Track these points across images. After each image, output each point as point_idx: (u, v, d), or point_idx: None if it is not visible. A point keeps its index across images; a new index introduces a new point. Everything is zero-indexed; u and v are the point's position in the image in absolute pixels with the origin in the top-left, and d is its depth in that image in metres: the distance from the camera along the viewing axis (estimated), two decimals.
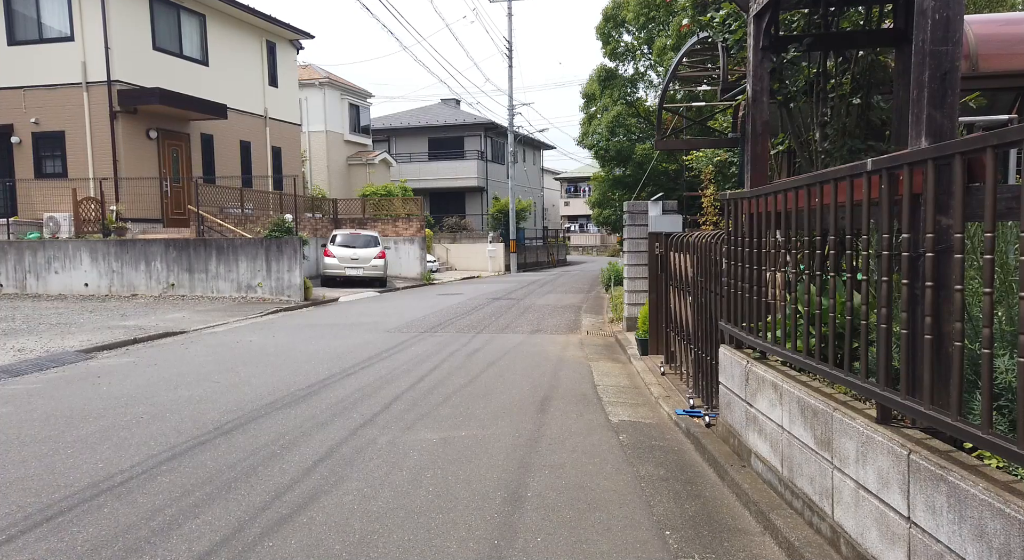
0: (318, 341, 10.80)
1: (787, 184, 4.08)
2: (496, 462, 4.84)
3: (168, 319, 13.41)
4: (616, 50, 27.18)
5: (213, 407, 6.42)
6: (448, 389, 7.24)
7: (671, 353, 7.89)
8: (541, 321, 13.48)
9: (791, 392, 3.74)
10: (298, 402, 6.62)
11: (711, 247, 5.66)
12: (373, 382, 7.60)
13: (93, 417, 6.10)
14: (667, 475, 4.59)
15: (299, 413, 6.19)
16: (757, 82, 4.82)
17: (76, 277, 17.98)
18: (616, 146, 26.08)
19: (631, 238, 11.45)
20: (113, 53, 18.98)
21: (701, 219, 10.36)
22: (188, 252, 17.72)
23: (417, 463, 4.81)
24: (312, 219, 25.29)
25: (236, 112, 23.05)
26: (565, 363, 8.96)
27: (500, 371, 8.30)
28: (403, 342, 10.63)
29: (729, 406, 4.87)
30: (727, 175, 11.00)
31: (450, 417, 6.07)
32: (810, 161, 5.26)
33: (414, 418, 6.03)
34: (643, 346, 9.20)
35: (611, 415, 6.22)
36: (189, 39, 21.62)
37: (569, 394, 7.08)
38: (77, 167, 19.52)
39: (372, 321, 13.50)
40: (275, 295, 17.28)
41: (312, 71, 33.07)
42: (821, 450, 3.36)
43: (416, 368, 8.45)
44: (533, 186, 47.31)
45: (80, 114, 19.28)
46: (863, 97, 5.00)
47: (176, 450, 5.11)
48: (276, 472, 4.62)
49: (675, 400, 6.58)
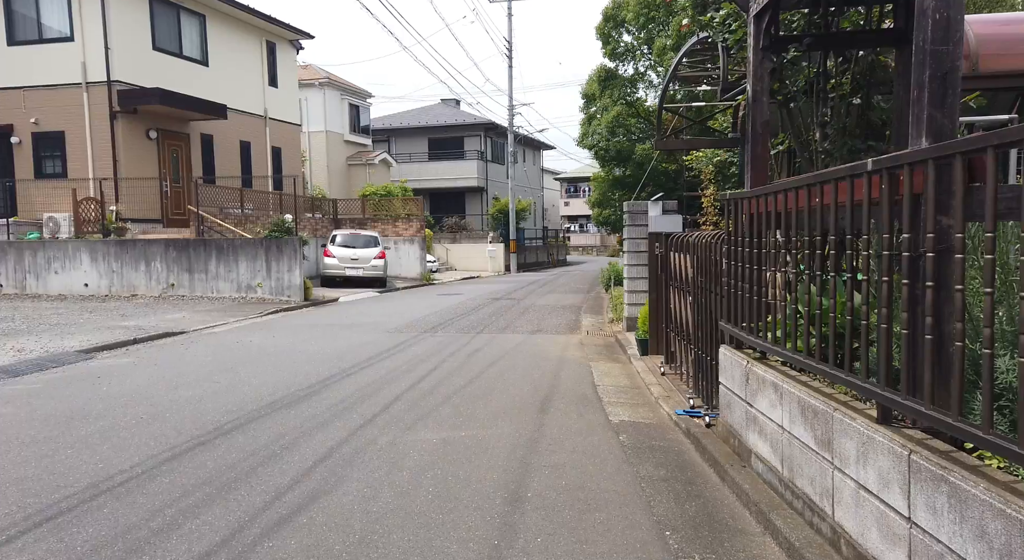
0: (318, 341, 10.80)
1: (788, 184, 4.08)
2: (496, 462, 4.84)
3: (168, 319, 13.40)
4: (616, 50, 27.19)
5: (213, 407, 6.42)
6: (448, 390, 7.24)
7: (671, 353, 7.89)
8: (541, 321, 13.48)
9: (791, 392, 3.73)
10: (298, 402, 6.62)
11: (711, 247, 5.66)
12: (373, 382, 7.60)
13: (93, 417, 6.10)
14: (667, 475, 4.59)
15: (299, 413, 6.19)
16: (757, 82, 4.82)
17: (76, 277, 17.98)
18: (616, 146, 26.10)
19: (631, 238, 11.45)
20: (113, 53, 18.97)
21: (701, 219, 10.37)
22: (188, 252, 17.71)
23: (417, 463, 4.81)
24: (312, 219, 25.28)
25: (236, 112, 23.04)
26: (565, 363, 8.95)
27: (500, 371, 8.30)
28: (403, 342, 10.62)
29: (729, 406, 4.87)
30: (727, 175, 11.00)
31: (450, 418, 6.06)
32: (810, 161, 5.25)
33: (414, 418, 6.03)
34: (643, 346, 9.20)
35: (611, 415, 6.22)
36: (189, 39, 21.61)
37: (569, 394, 7.08)
38: (77, 167, 19.51)
39: (372, 321, 13.50)
40: (275, 295, 17.28)
41: (312, 71, 33.07)
42: (821, 450, 3.36)
43: (416, 368, 8.45)
44: (533, 186, 47.33)
45: (80, 114, 19.27)
46: (863, 97, 5.00)
47: (176, 450, 5.11)
48: (276, 472, 4.62)
49: (675, 400, 6.58)
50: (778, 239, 4.47)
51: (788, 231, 4.28)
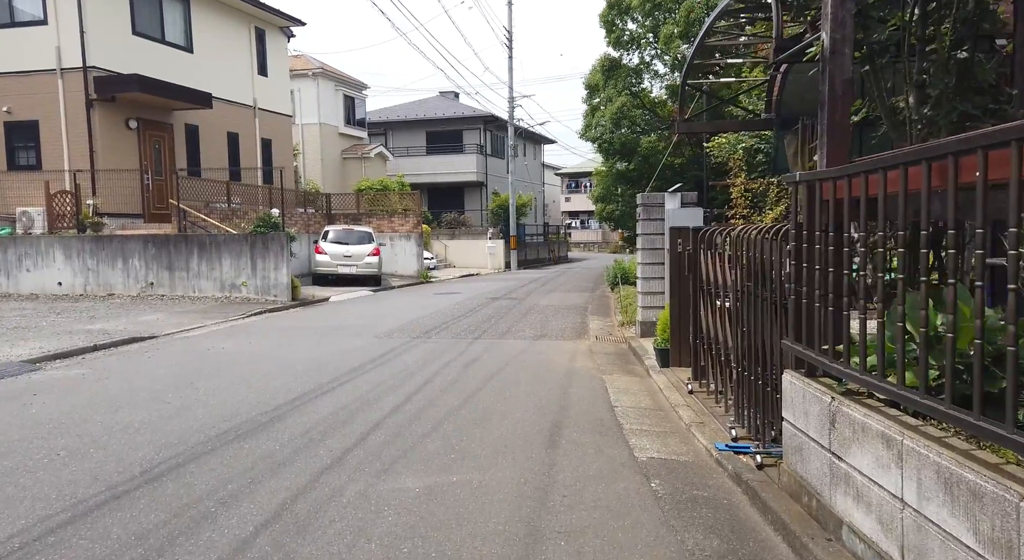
0: (298, 348, 9.68)
1: (890, 159, 2.96)
2: (496, 526, 3.71)
3: (140, 322, 12.29)
4: (620, 39, 26.05)
5: (151, 438, 5.28)
6: (439, 413, 6.11)
7: (700, 368, 6.76)
8: (545, 324, 12.35)
9: (921, 454, 2.61)
10: (256, 432, 5.49)
11: (766, 244, 4.53)
12: (351, 403, 6.47)
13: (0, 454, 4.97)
14: (724, 550, 3.45)
15: (254, 448, 5.05)
16: (837, 29, 3.68)
17: (49, 275, 16.88)
18: (620, 139, 24.97)
19: (645, 234, 10.32)
20: (89, 37, 17.81)
21: (729, 212, 9.22)
22: (168, 249, 16.61)
23: (391, 529, 3.68)
24: (304, 214, 24.14)
25: (223, 102, 21.88)
26: (575, 377, 7.83)
27: (500, 387, 7.18)
28: (392, 350, 9.50)
29: (800, 452, 3.74)
30: (752, 164, 9.86)
31: (439, 454, 4.93)
32: (901, 132, 4.13)
33: (394, 455, 4.89)
34: (663, 357, 8.07)
35: (636, 449, 5.09)
36: (172, 24, 20.43)
37: (583, 419, 5.95)
38: (52, 159, 18.38)
39: (362, 323, 12.38)
40: (261, 295, 16.18)
41: (305, 61, 31.88)
42: (991, 555, 2.23)
43: (404, 384, 7.32)
44: (534, 181, 46.11)
45: (55, 102, 18.13)
46: (970, 51, 3.86)
47: (79, 508, 3.95)
48: (200, 547, 3.48)
49: (712, 428, 5.46)
50: (862, 234, 3.36)
51: (885, 223, 3.17)
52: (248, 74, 23.62)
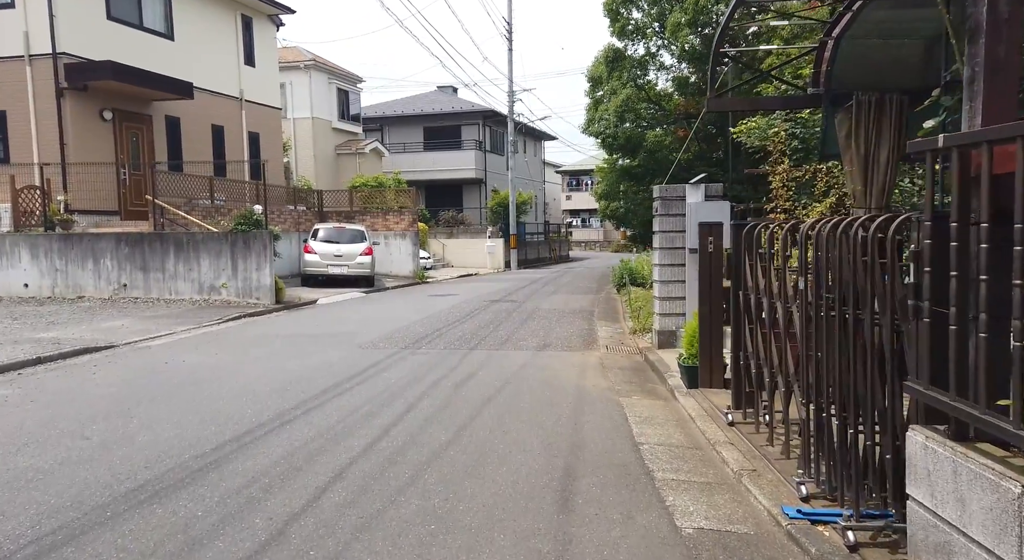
0: (268, 361, 8.46)
1: None
2: None
3: (102, 329, 11.08)
4: (625, 28, 24.82)
5: (37, 498, 4.03)
6: (421, 455, 4.87)
7: (746, 394, 5.51)
8: (549, 331, 11.12)
9: None
10: (180, 486, 4.24)
11: (863, 243, 3.29)
12: (313, 439, 5.24)
13: None
14: None
15: (170, 514, 3.80)
16: None
17: (14, 276, 15.68)
18: (625, 133, 23.74)
19: (663, 231, 9.10)
20: (59, 22, 16.58)
21: (768, 206, 7.97)
22: (143, 248, 15.41)
23: None
24: (295, 212, 22.91)
25: (207, 93, 20.64)
26: (587, 400, 6.60)
27: (498, 416, 5.94)
28: (375, 364, 8.27)
29: (946, 551, 2.51)
30: (786, 151, 8.61)
31: (414, 524, 3.69)
32: None
33: (355, 526, 3.65)
34: (690, 376, 6.84)
35: (677, 513, 3.85)
36: (151, 9, 19.18)
37: (602, 463, 4.72)
38: (21, 152, 17.15)
39: (346, 330, 11.15)
40: (242, 297, 14.97)
41: (297, 53, 30.62)
42: None
43: (382, 411, 6.08)
44: (534, 179, 44.84)
45: (23, 91, 16.89)
46: None
47: None
48: None
49: (769, 480, 4.23)
50: None
51: None
52: (234, 64, 22.36)
